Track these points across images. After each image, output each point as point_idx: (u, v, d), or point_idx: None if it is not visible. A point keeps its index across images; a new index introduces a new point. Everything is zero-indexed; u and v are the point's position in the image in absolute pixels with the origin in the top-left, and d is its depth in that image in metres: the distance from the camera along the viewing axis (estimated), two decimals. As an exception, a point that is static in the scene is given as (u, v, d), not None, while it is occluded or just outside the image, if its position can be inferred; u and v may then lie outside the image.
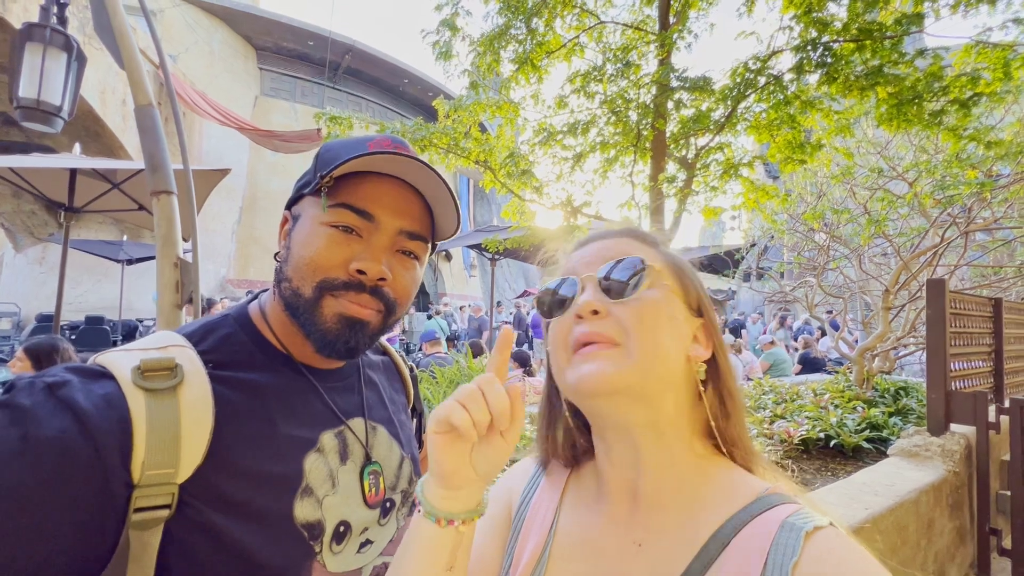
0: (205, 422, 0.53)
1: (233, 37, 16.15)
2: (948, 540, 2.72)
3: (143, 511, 0.48)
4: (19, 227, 11.93)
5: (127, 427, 0.48)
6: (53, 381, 0.48)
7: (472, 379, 0.52)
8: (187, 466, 0.51)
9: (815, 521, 0.47)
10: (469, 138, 4.39)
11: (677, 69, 3.78)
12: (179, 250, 2.19)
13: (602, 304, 0.54)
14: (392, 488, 0.70)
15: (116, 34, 2.24)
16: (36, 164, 4.16)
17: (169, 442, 0.50)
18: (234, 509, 0.53)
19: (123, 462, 0.47)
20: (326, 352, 0.62)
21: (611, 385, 0.51)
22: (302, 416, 0.62)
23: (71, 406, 0.46)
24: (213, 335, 0.61)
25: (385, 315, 0.64)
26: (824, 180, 5.51)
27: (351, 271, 0.60)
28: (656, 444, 0.55)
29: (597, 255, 0.58)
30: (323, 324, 0.61)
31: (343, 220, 0.61)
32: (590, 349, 0.53)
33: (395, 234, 0.63)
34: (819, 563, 0.44)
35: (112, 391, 0.50)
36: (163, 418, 0.50)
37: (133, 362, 0.52)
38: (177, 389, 0.52)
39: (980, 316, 3.63)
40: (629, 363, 0.51)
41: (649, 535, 0.54)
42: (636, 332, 0.52)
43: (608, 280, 0.55)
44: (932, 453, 2.85)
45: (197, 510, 0.51)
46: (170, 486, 0.50)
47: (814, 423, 3.77)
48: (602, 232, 0.63)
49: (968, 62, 3.28)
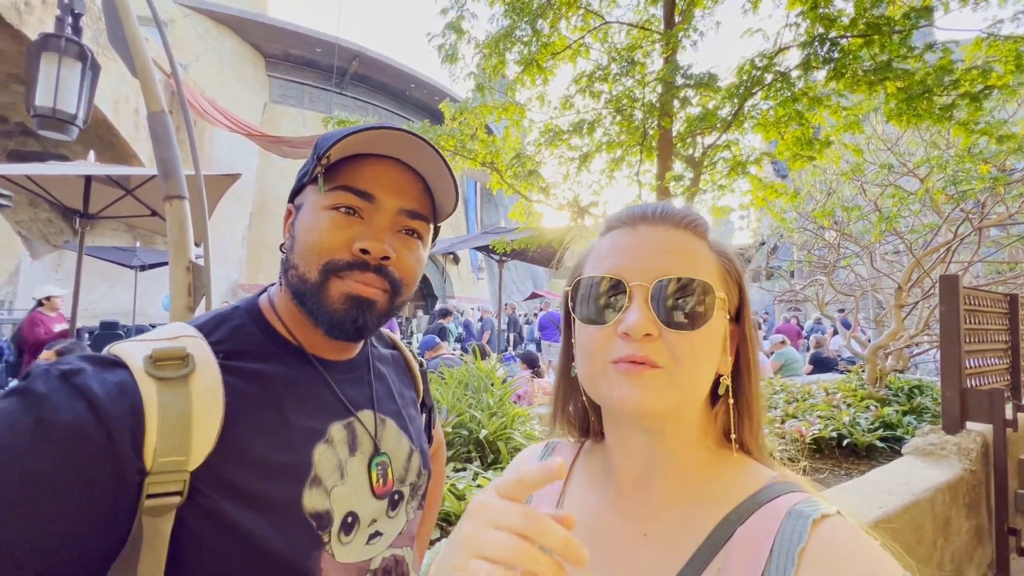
0: (216, 411, 0.54)
1: (242, 45, 16.38)
2: (965, 540, 2.67)
3: (155, 497, 0.49)
4: (36, 235, 12.16)
5: (139, 414, 0.49)
6: (68, 369, 0.49)
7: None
8: (198, 454, 0.52)
9: (822, 509, 0.46)
10: (475, 140, 4.41)
11: (683, 67, 3.78)
12: (191, 254, 2.23)
13: (655, 329, 0.49)
14: (401, 480, 0.71)
15: (129, 43, 2.28)
16: (52, 172, 4.25)
17: (180, 430, 0.51)
18: (244, 497, 0.54)
19: (135, 449, 0.48)
20: (335, 333, 0.63)
21: (651, 411, 0.49)
22: (311, 407, 0.63)
23: (85, 393, 0.47)
24: (224, 326, 0.63)
25: (391, 295, 0.65)
26: (833, 177, 5.46)
27: (354, 251, 0.61)
28: (673, 445, 0.54)
29: (650, 253, 0.52)
30: (330, 305, 0.61)
31: (344, 202, 0.62)
32: (632, 368, 0.49)
33: (396, 213, 0.64)
34: (825, 550, 0.43)
35: (125, 379, 0.51)
36: (174, 406, 0.51)
37: (145, 351, 0.53)
38: (188, 378, 0.53)
39: (995, 312, 3.57)
40: (672, 392, 0.49)
41: (654, 525, 0.53)
42: (687, 363, 0.49)
43: (665, 299, 0.49)
44: (948, 452, 2.80)
45: (208, 497, 0.52)
46: (182, 473, 0.51)
47: (826, 422, 3.73)
48: (654, 212, 0.55)
49: (979, 55, 3.24)
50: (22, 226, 11.95)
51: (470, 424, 2.81)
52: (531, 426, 3.14)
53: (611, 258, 0.53)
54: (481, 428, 2.78)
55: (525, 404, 4.10)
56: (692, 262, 0.52)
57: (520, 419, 3.05)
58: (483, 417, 2.85)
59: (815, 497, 0.49)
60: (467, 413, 2.84)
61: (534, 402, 4.30)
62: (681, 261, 0.51)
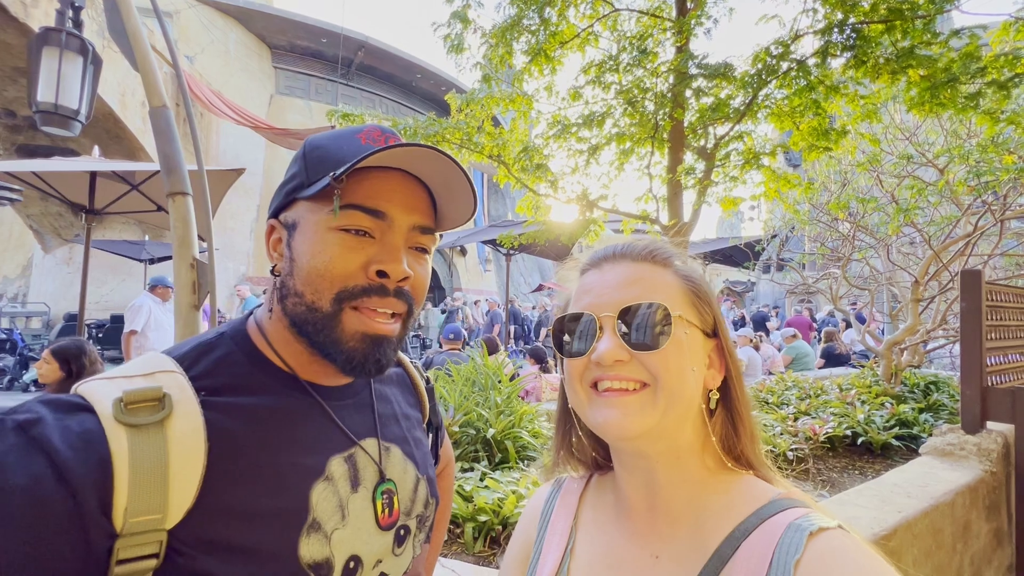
0: (196, 459, 0.49)
1: (248, 36, 16.32)
2: (984, 543, 2.61)
3: (127, 563, 0.44)
4: (47, 229, 12.28)
5: (107, 470, 0.44)
6: (24, 420, 0.44)
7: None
8: (176, 510, 0.47)
9: (820, 523, 0.47)
10: (482, 133, 4.33)
11: (696, 56, 3.67)
12: (195, 251, 2.20)
13: (625, 353, 0.53)
14: (407, 513, 0.66)
15: (130, 36, 2.24)
16: (57, 168, 4.24)
17: (155, 485, 0.45)
18: (231, 553, 0.49)
19: (103, 509, 0.43)
20: (355, 373, 0.59)
21: (635, 432, 0.53)
22: (307, 442, 0.58)
23: (44, 448, 0.42)
24: (207, 357, 0.57)
25: (406, 319, 0.61)
26: (849, 168, 5.32)
27: (371, 275, 0.56)
28: (672, 466, 0.57)
29: (614, 287, 0.57)
30: (346, 345, 0.56)
31: (354, 223, 0.56)
32: (612, 395, 0.54)
33: (408, 230, 0.59)
34: (821, 562, 0.44)
35: (91, 427, 0.45)
36: (148, 457, 0.46)
37: (115, 393, 0.48)
38: (165, 423, 0.48)
39: (1018, 308, 3.47)
40: (653, 409, 0.53)
41: (665, 547, 0.55)
42: (663, 379, 0.53)
43: (629, 325, 0.54)
44: (967, 452, 2.73)
45: (189, 557, 0.47)
46: (157, 533, 0.46)
47: (840, 420, 3.66)
48: (616, 251, 0.61)
49: (1007, 40, 3.11)
50: (33, 220, 12.06)
51: (477, 423, 2.78)
52: (539, 423, 3.10)
53: (584, 297, 0.59)
54: (488, 427, 2.75)
55: (533, 400, 4.06)
56: (652, 289, 0.56)
57: (528, 417, 3.01)
58: (490, 415, 2.81)
59: (816, 512, 0.50)
60: (474, 412, 2.81)
61: (542, 398, 4.26)
62: (642, 290, 0.56)
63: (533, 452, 2.79)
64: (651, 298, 0.55)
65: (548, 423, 3.31)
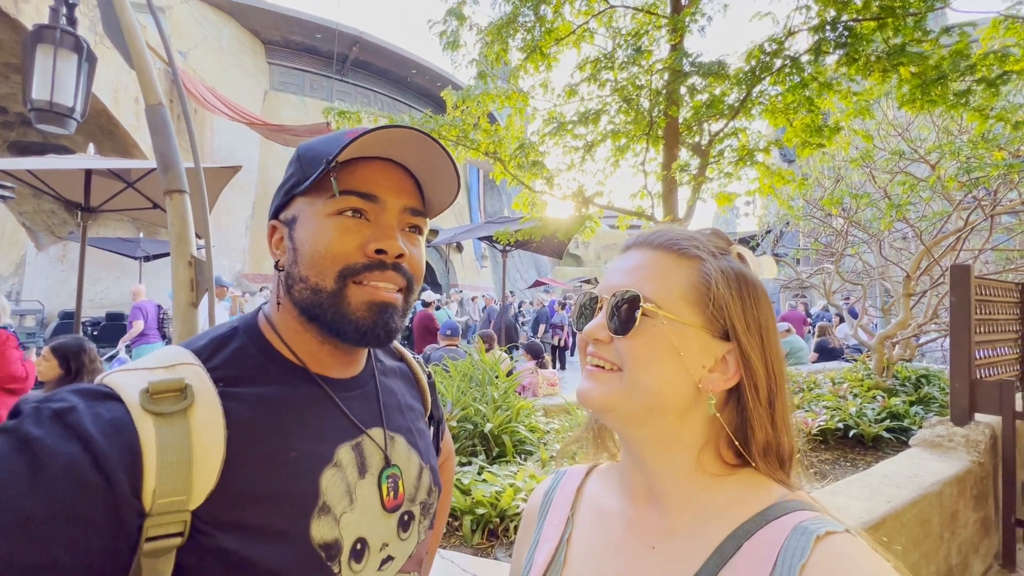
0: (217, 445, 0.52)
1: (241, 32, 16.19)
2: (972, 532, 2.67)
3: (155, 540, 0.48)
4: (40, 226, 12.19)
5: (137, 454, 0.47)
6: (60, 407, 0.47)
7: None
8: (199, 492, 0.50)
9: (828, 526, 0.46)
10: (478, 129, 4.34)
11: (690, 54, 3.69)
12: (193, 248, 2.20)
13: (607, 334, 0.56)
14: (411, 499, 0.69)
15: (124, 33, 2.23)
16: (51, 166, 4.21)
17: (180, 469, 0.49)
18: (248, 532, 0.52)
19: (134, 491, 0.47)
20: (366, 342, 0.62)
21: (598, 405, 0.56)
22: (318, 430, 0.61)
23: (80, 434, 0.45)
24: (223, 351, 0.60)
25: (407, 293, 0.64)
26: (842, 164, 5.36)
27: (369, 253, 0.60)
28: (661, 456, 0.56)
29: (622, 272, 0.58)
30: (354, 315, 0.60)
31: (350, 205, 0.61)
32: (593, 369, 0.57)
33: (400, 212, 0.64)
34: (827, 566, 0.43)
35: (120, 416, 0.48)
36: (173, 444, 0.49)
37: (141, 384, 0.51)
38: (187, 412, 0.51)
39: (1006, 302, 3.52)
40: (618, 390, 0.54)
41: (663, 538, 0.55)
42: (628, 366, 0.54)
43: (614, 309, 0.56)
44: (956, 443, 2.78)
45: (210, 536, 0.50)
46: (182, 513, 0.49)
47: (832, 413, 3.72)
48: (641, 238, 0.61)
49: (996, 38, 3.14)
50: (26, 217, 11.97)
51: (475, 418, 2.81)
52: (536, 418, 3.13)
53: (603, 279, 0.61)
54: (486, 421, 2.78)
55: (530, 396, 4.10)
56: (648, 278, 0.55)
57: (525, 412, 3.04)
58: (488, 410, 2.84)
59: (825, 516, 0.49)
60: (472, 407, 2.84)
61: (539, 393, 4.30)
62: (640, 277, 0.56)
63: (530, 446, 2.83)
64: (639, 286, 0.54)
65: (545, 418, 3.34)
